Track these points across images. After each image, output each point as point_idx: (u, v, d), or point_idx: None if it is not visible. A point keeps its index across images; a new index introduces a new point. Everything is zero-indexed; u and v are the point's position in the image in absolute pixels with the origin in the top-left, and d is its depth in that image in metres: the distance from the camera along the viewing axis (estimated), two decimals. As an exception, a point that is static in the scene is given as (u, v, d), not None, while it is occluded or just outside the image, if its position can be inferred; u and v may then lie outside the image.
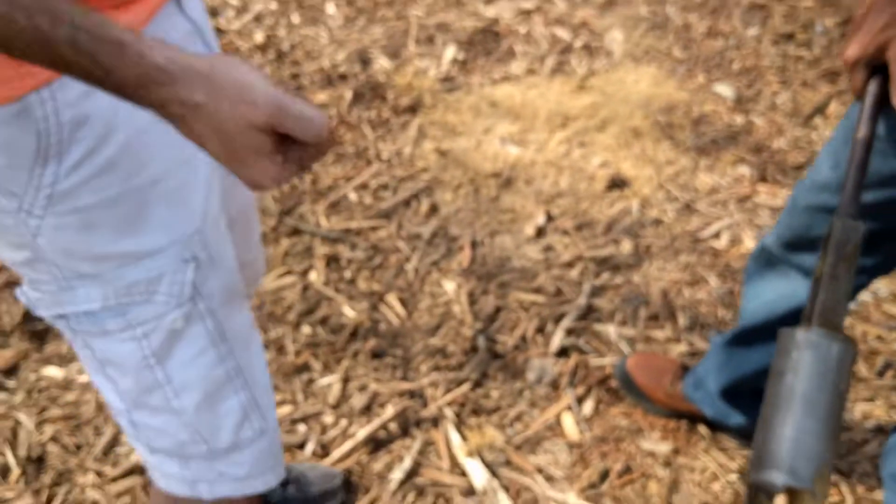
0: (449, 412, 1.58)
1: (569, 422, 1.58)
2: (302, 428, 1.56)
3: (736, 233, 2.02)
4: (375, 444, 1.53)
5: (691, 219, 2.06)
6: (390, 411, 1.58)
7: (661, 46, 2.76)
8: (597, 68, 2.64)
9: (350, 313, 1.79)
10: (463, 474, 1.49)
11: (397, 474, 1.48)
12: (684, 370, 1.55)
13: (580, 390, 1.63)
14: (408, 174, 2.19)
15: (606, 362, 1.68)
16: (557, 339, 1.72)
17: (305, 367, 1.68)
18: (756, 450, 0.69)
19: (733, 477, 1.48)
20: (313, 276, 1.88)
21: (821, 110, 2.46)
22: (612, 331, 1.75)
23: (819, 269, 0.77)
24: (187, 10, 0.79)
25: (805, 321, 0.75)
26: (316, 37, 2.80)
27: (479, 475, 1.47)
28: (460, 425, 1.57)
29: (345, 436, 1.55)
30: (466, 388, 1.63)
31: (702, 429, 1.55)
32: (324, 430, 1.56)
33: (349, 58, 2.66)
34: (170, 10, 0.76)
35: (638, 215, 2.06)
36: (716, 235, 2.02)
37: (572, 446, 1.54)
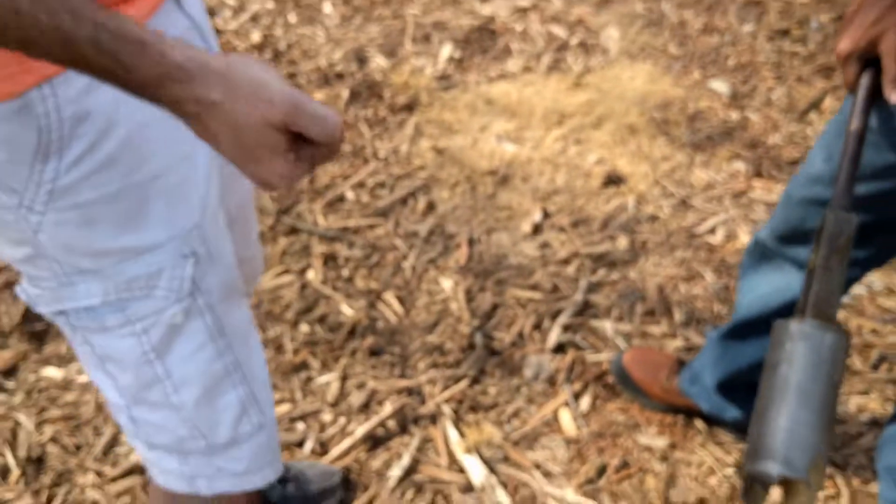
0: (447, 409, 1.59)
1: (566, 418, 1.58)
2: (300, 426, 1.57)
3: (731, 228, 2.03)
4: (374, 441, 1.54)
5: (687, 215, 2.07)
6: (388, 409, 1.58)
7: (657, 43, 2.77)
8: (593, 65, 2.64)
9: (348, 311, 1.79)
10: (461, 471, 1.49)
11: (396, 471, 1.48)
12: (680, 365, 1.55)
13: (577, 386, 1.64)
14: (405, 172, 2.20)
15: (603, 358, 1.69)
16: (554, 336, 1.73)
17: (304, 366, 1.68)
18: (751, 441, 0.69)
19: (730, 471, 1.49)
20: (311, 275, 1.89)
21: (816, 106, 2.46)
22: (609, 327, 1.76)
23: (812, 261, 0.78)
24: (186, 7, 0.80)
25: (799, 313, 0.75)
26: (313, 36, 2.80)
27: (477, 471, 1.48)
28: (458, 422, 1.57)
29: (343, 433, 1.56)
30: (464, 384, 1.63)
31: (698, 423, 1.56)
32: (322, 427, 1.57)
33: (346, 57, 2.67)
34: (169, 6, 0.77)
35: (634, 211, 2.07)
36: (711, 231, 2.02)
37: (569, 442, 1.54)
